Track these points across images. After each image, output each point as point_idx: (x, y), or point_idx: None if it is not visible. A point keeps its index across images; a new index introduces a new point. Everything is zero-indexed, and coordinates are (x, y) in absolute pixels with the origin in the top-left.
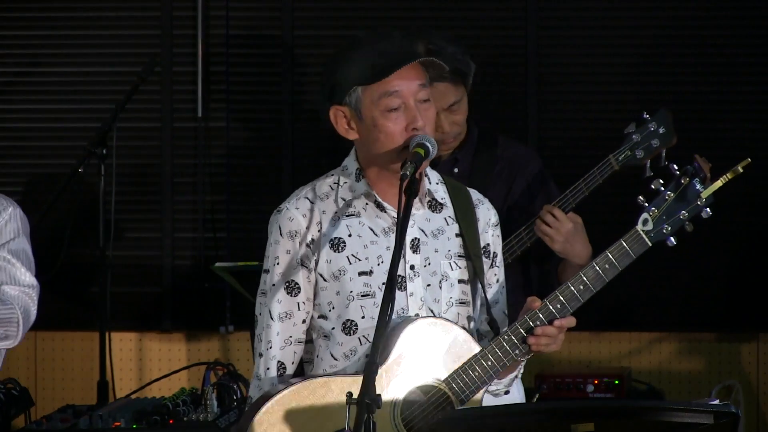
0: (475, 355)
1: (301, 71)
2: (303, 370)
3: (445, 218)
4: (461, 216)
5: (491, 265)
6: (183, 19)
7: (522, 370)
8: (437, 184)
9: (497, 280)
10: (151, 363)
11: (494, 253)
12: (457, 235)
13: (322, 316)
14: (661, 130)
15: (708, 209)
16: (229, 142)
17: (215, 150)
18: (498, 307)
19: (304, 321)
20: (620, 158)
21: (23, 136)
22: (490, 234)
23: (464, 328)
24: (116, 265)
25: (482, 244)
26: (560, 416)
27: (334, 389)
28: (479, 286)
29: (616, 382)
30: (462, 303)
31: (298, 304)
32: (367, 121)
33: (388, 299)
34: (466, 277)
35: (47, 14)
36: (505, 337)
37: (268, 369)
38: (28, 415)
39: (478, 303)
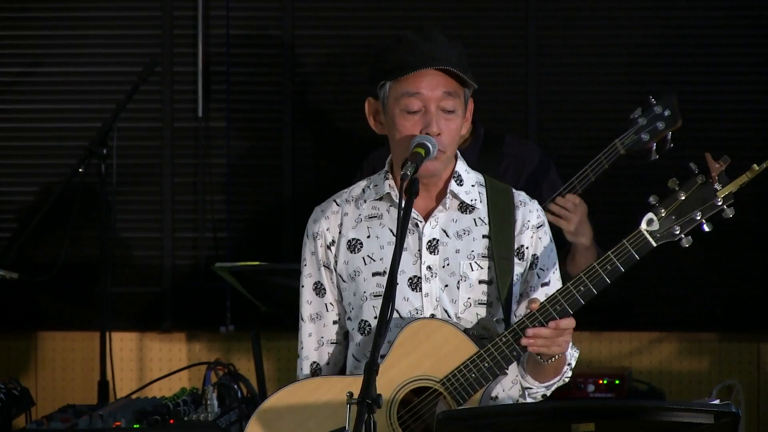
0: (473, 357)
1: (302, 71)
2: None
3: (474, 219)
4: (494, 217)
5: (530, 267)
6: (183, 19)
7: (567, 379)
8: (473, 186)
9: (542, 284)
10: (151, 363)
11: (534, 255)
12: (484, 236)
13: (348, 317)
14: (666, 113)
15: (730, 209)
16: (229, 142)
17: (215, 150)
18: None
19: (335, 322)
20: (626, 142)
21: (23, 136)
22: (528, 236)
23: (463, 329)
24: (116, 265)
25: (516, 245)
26: (561, 416)
27: (329, 391)
28: (508, 287)
29: (617, 381)
30: (482, 304)
31: (326, 305)
32: (389, 117)
33: (388, 299)
34: (488, 278)
35: (47, 14)
36: (503, 338)
37: (301, 369)
38: (29, 415)
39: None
